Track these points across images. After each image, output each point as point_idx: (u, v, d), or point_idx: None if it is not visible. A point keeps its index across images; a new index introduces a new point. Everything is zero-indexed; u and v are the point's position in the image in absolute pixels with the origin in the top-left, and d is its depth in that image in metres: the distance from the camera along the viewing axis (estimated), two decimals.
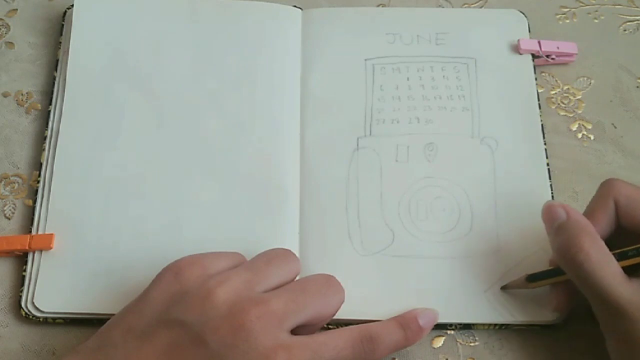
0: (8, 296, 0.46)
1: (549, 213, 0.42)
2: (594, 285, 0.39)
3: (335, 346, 0.38)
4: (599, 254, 0.39)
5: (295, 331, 0.38)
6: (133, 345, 0.37)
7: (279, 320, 0.37)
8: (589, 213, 0.42)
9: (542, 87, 0.53)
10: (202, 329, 0.36)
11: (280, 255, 0.42)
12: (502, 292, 0.45)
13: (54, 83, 0.51)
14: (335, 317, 0.44)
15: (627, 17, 0.56)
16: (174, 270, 0.40)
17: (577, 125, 0.52)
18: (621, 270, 0.39)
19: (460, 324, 0.45)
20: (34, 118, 0.51)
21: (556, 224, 0.41)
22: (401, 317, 0.42)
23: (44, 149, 0.49)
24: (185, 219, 0.47)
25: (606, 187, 0.42)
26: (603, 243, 0.40)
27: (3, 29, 0.54)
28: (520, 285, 0.44)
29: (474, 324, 0.45)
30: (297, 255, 0.46)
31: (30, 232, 0.47)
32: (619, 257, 0.39)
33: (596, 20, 0.56)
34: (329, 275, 0.42)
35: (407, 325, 0.42)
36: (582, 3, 0.57)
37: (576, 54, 0.53)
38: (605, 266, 0.39)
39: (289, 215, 0.47)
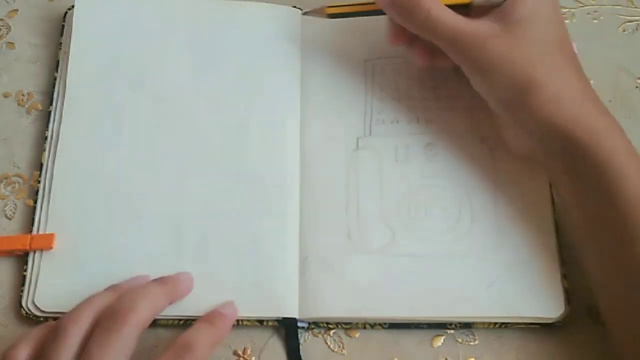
0: (9, 296, 0.46)
1: None
2: (445, 30, 0.43)
3: None
4: (437, 4, 0.43)
5: None
6: None
7: None
8: None
9: None
10: None
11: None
12: (505, 287, 0.45)
13: (54, 83, 0.51)
14: (338, 315, 0.45)
15: (627, 17, 0.56)
16: None
17: None
18: (452, 12, 0.43)
19: (460, 323, 0.45)
20: (35, 118, 0.51)
21: None
22: (206, 316, 0.43)
23: (44, 149, 0.49)
24: (185, 218, 0.47)
25: None
26: None
27: (4, 30, 0.54)
28: (320, 14, 0.50)
29: (473, 323, 0.45)
30: (297, 255, 0.46)
31: (31, 232, 0.47)
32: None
33: (595, 21, 0.56)
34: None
35: (213, 319, 0.43)
36: (582, 3, 0.57)
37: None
38: (445, 11, 0.43)
39: (289, 215, 0.47)
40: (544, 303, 0.45)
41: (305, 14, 0.51)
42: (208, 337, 0.41)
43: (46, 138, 0.50)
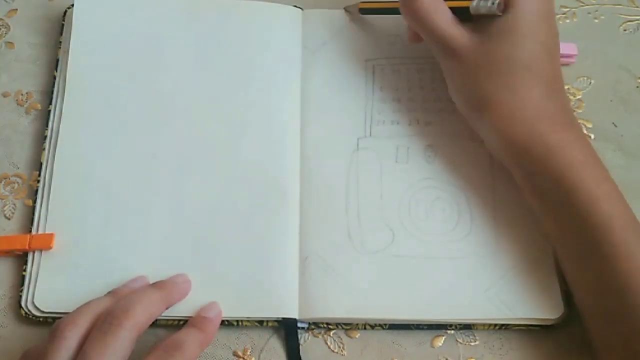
0: (8, 296, 0.46)
1: None
2: (428, 28, 0.45)
3: None
4: (431, 1, 0.45)
5: None
6: None
7: None
8: None
9: None
10: None
11: None
12: (504, 290, 0.45)
13: (54, 83, 0.51)
14: (338, 316, 0.45)
15: (627, 16, 0.56)
16: None
17: None
18: (453, 16, 0.45)
19: (460, 324, 0.45)
20: (34, 118, 0.51)
21: None
22: (192, 320, 0.44)
23: (44, 149, 0.49)
24: (185, 218, 0.47)
25: None
26: None
27: (3, 29, 0.54)
28: (354, 13, 0.53)
29: (474, 324, 0.45)
30: (297, 255, 0.46)
31: (30, 232, 0.47)
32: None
33: (596, 20, 0.56)
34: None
35: (200, 324, 0.43)
36: (582, 3, 0.57)
37: (576, 54, 0.53)
38: (438, 12, 0.45)
39: (289, 215, 0.47)
40: (543, 304, 0.45)
41: (345, 9, 0.54)
42: (196, 339, 0.41)
43: (45, 137, 0.49)
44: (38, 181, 0.48)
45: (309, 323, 0.46)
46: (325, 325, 0.46)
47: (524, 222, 0.47)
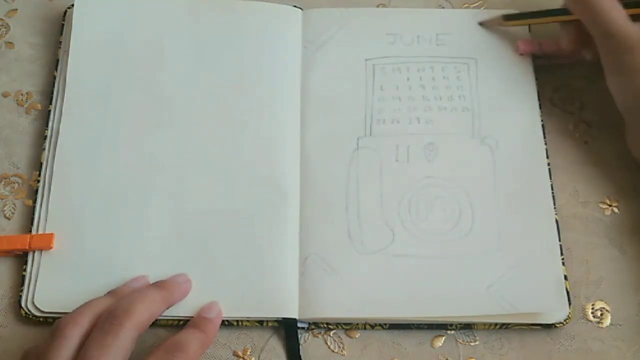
0: (8, 296, 0.46)
1: None
2: (603, 23, 0.46)
3: None
4: (612, 1, 0.46)
5: None
6: None
7: None
8: None
9: (543, 87, 0.53)
10: None
11: None
12: (506, 287, 0.45)
13: (54, 83, 0.51)
14: (338, 316, 0.45)
15: None
16: None
17: (577, 125, 0.52)
18: (626, 14, 0.46)
19: (460, 324, 0.45)
20: (34, 118, 0.51)
21: None
22: (193, 321, 0.44)
23: (44, 149, 0.49)
24: (185, 218, 0.47)
25: None
26: None
27: (3, 29, 0.54)
28: (496, 23, 0.53)
29: (474, 324, 0.45)
30: (297, 255, 0.46)
31: (30, 232, 0.47)
32: (624, 6, 0.46)
33: None
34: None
35: (201, 325, 0.43)
36: None
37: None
38: (614, 8, 0.46)
39: (289, 215, 0.47)
40: (546, 305, 0.45)
41: (480, 24, 0.53)
42: (198, 340, 0.41)
43: (45, 138, 0.50)
44: (38, 181, 0.48)
45: (309, 323, 0.46)
46: (325, 325, 0.46)
47: (527, 221, 0.47)
